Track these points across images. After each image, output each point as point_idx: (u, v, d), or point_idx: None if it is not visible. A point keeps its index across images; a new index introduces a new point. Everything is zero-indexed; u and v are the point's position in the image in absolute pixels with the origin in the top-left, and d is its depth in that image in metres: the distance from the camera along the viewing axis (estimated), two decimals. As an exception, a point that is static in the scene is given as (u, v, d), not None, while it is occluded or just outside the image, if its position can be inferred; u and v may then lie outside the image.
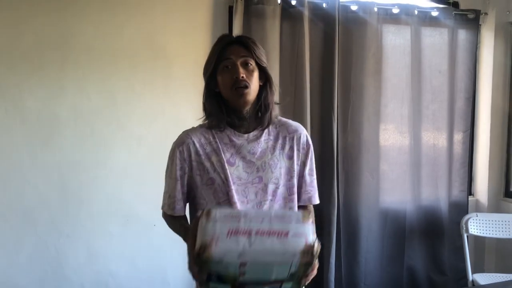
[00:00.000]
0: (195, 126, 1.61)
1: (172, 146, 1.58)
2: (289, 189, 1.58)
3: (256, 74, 1.51)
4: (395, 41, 3.25)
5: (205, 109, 1.57)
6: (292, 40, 3.00)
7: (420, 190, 3.40)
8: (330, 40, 3.04)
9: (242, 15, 2.87)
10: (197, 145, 1.53)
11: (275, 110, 1.61)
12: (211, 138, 1.54)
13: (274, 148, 1.56)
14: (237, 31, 2.88)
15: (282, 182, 1.56)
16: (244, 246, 1.18)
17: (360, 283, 3.29)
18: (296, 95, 3.02)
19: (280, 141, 1.58)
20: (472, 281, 3.04)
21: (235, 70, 1.47)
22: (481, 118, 3.58)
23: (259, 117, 1.56)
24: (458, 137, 3.45)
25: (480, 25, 3.42)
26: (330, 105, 3.07)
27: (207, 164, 1.51)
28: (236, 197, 1.49)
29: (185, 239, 1.50)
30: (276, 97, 1.64)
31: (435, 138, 3.40)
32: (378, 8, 3.14)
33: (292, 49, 3.01)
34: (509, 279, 2.95)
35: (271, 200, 1.53)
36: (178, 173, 1.54)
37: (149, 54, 2.82)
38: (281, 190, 1.55)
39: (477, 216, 3.22)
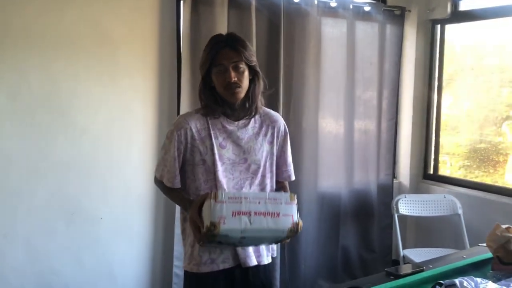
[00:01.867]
0: (190, 111, 1.87)
1: (171, 128, 1.79)
2: (267, 168, 1.87)
3: (246, 74, 1.74)
4: (332, 33, 3.41)
5: (201, 99, 1.81)
6: (239, 29, 3.00)
7: (353, 174, 3.63)
8: (275, 30, 3.11)
9: (190, 3, 2.82)
10: (194, 130, 1.76)
11: (261, 101, 1.88)
12: (206, 125, 1.78)
13: (258, 134, 1.85)
14: (185, 18, 2.84)
15: (262, 163, 1.85)
16: (246, 224, 1.55)
17: (300, 265, 3.45)
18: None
19: (263, 129, 1.87)
20: (403, 256, 3.33)
21: (227, 75, 1.69)
22: (404, 108, 3.90)
23: (247, 108, 1.81)
24: (385, 124, 3.74)
25: (404, 21, 3.71)
26: (275, 94, 3.14)
27: (201, 148, 1.77)
28: (221, 177, 1.77)
29: (184, 207, 1.80)
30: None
31: (365, 126, 3.65)
32: (318, 1, 3.27)
33: (239, 37, 3.02)
34: (433, 252, 3.28)
35: (252, 177, 1.83)
36: (176, 153, 1.76)
37: (93, 39, 2.66)
38: (261, 169, 1.85)
39: (405, 197, 3.52)
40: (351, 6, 3.41)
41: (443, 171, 3.94)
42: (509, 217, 3.04)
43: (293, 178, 2.00)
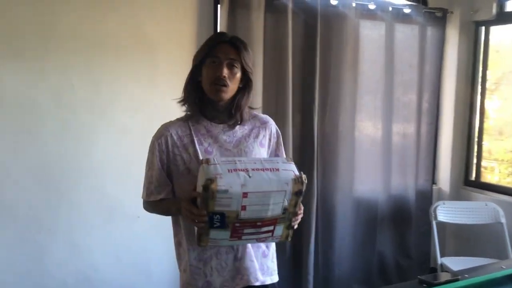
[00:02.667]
0: (172, 120, 1.71)
1: (152, 139, 1.67)
2: None
3: (238, 76, 1.61)
4: (371, 36, 3.37)
5: (184, 92, 1.67)
6: (276, 32, 3.03)
7: (390, 179, 3.57)
8: (312, 33, 3.11)
9: (228, 6, 2.87)
10: (175, 137, 1.62)
11: (248, 111, 1.72)
12: (188, 131, 1.64)
13: (248, 137, 1.69)
14: (222, 21, 2.88)
15: None
16: (245, 178, 1.40)
17: (335, 269, 3.42)
18: (279, 86, 3.07)
19: (254, 131, 1.71)
20: (441, 264, 3.24)
21: (219, 68, 1.57)
22: (445, 111, 3.79)
23: (232, 114, 1.66)
24: (424, 128, 3.65)
25: (446, 23, 3.62)
26: (311, 96, 3.14)
27: (184, 155, 1.61)
28: None
29: (176, 208, 1.61)
30: (257, 99, 1.84)
31: (404, 130, 3.58)
32: (356, 4, 3.24)
33: (276, 40, 3.04)
34: (472, 261, 3.17)
35: None
36: (159, 164, 1.63)
37: (134, 43, 2.75)
38: None
39: (444, 204, 3.43)
40: (390, 8, 3.36)
41: (491, 178, 3.80)
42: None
43: None
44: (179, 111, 2.89)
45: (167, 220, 2.95)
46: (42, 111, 2.59)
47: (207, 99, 1.62)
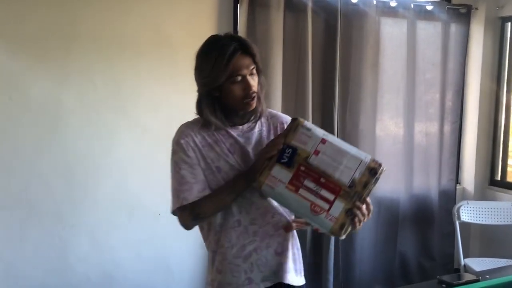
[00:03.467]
0: (191, 120, 1.61)
1: (175, 140, 1.57)
2: None
3: (257, 78, 1.53)
4: (392, 33, 3.33)
5: (200, 112, 1.56)
6: (295, 30, 3.03)
7: (412, 179, 3.52)
8: (332, 31, 3.10)
9: (247, 5, 2.88)
10: (199, 136, 1.54)
11: (265, 103, 1.64)
12: (210, 131, 1.55)
13: (267, 137, 1.61)
14: (242, 20, 2.90)
15: None
16: (329, 135, 1.43)
17: (355, 269, 3.40)
18: (299, 84, 3.07)
19: (272, 131, 1.63)
20: (464, 265, 3.18)
21: (247, 84, 1.48)
22: (469, 110, 3.72)
23: (253, 109, 1.57)
24: (448, 127, 3.59)
25: (471, 19, 3.55)
26: (330, 95, 3.13)
27: (211, 154, 1.53)
28: None
29: (242, 180, 1.50)
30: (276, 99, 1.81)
31: (427, 129, 3.53)
32: (377, 1, 3.21)
33: (295, 39, 3.04)
34: (497, 262, 3.11)
35: None
36: (190, 159, 1.52)
37: (154, 42, 2.79)
38: None
39: (467, 203, 3.37)
40: (412, 6, 3.31)
41: None
42: None
43: None
44: (198, 110, 2.94)
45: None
46: (65, 111, 2.66)
47: (229, 109, 1.54)
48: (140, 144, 2.82)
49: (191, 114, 3.10)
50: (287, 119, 1.66)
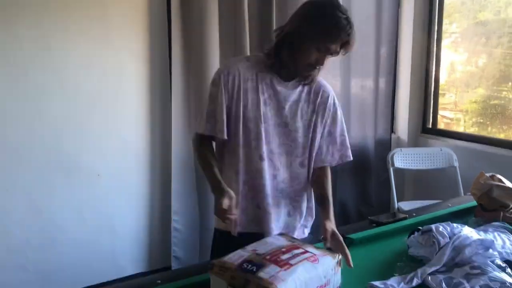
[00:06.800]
0: (239, 57, 1.65)
1: (217, 72, 1.60)
2: (308, 140, 1.68)
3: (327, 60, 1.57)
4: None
5: (276, 53, 1.56)
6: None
7: (350, 130, 3.64)
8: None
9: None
10: (241, 78, 1.56)
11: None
12: (254, 76, 1.58)
13: (304, 100, 1.64)
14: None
15: (303, 132, 1.66)
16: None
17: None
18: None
19: (311, 96, 1.66)
20: (398, 208, 3.38)
21: (321, 59, 1.53)
22: (403, 62, 3.85)
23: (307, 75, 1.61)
24: (383, 79, 3.71)
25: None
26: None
27: (244, 101, 1.57)
28: (264, 136, 1.59)
29: (216, 188, 1.50)
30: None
31: (362, 81, 3.63)
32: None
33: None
34: (427, 204, 3.31)
35: (291, 146, 1.65)
36: (224, 97, 1.55)
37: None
38: (301, 139, 1.66)
39: (401, 151, 3.54)
40: (346, -43, 3.32)
41: (456, 128, 3.91)
42: (506, 168, 3.04)
43: (349, 158, 1.78)
44: (134, 66, 2.87)
45: (128, 177, 2.97)
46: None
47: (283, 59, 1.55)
48: (74, 104, 2.72)
49: (124, 72, 3.01)
50: (327, 89, 1.69)
